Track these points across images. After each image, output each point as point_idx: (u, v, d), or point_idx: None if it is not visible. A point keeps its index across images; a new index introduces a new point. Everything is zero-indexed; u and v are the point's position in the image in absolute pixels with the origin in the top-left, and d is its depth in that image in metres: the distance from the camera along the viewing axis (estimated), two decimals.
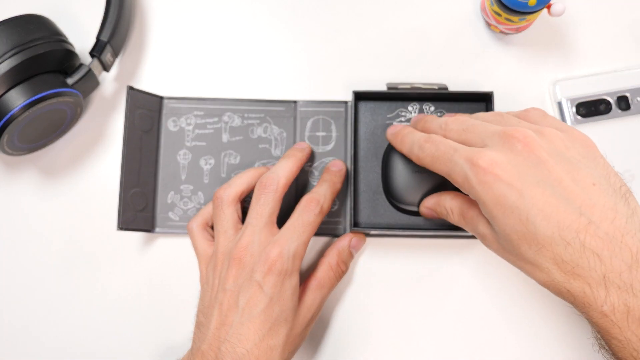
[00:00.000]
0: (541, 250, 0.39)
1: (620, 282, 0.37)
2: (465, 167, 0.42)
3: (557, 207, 0.39)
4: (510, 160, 0.41)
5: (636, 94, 0.59)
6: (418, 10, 0.62)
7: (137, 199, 0.56)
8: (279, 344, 0.48)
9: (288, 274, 0.48)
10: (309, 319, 0.51)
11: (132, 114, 0.56)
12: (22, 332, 0.58)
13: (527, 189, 0.40)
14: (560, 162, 0.41)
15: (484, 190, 0.41)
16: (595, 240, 0.38)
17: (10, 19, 0.53)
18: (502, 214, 0.41)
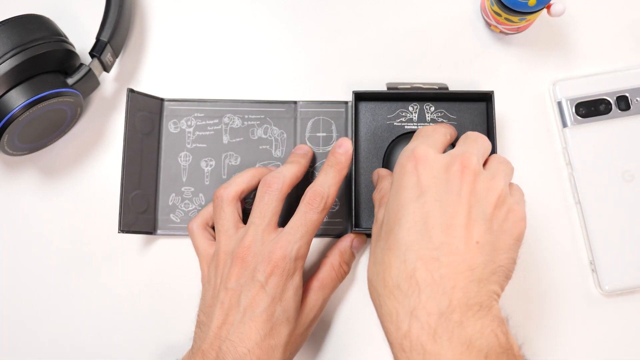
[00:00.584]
0: (384, 251, 0.41)
1: (425, 323, 0.38)
2: (406, 151, 0.45)
3: (429, 230, 0.40)
4: (440, 170, 0.42)
5: (636, 94, 0.59)
6: (418, 10, 0.62)
7: (138, 202, 0.56)
8: (280, 344, 0.48)
9: (291, 274, 0.48)
10: (311, 319, 0.51)
11: (132, 117, 0.56)
12: (23, 332, 0.58)
13: (427, 197, 0.41)
14: (473, 207, 0.41)
15: (399, 173, 0.43)
16: (427, 275, 0.39)
17: (10, 19, 0.53)
18: (393, 201, 0.43)
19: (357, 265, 0.58)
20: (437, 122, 0.58)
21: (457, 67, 0.61)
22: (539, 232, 0.58)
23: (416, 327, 0.38)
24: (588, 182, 0.58)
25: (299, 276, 0.49)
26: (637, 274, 0.56)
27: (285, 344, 0.48)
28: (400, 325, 0.39)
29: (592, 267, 0.57)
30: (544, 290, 0.57)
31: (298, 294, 0.49)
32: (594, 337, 0.57)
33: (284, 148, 0.59)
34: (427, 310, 0.38)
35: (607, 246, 0.57)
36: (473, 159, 0.43)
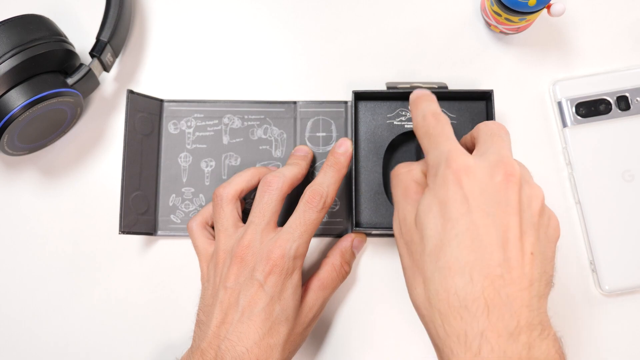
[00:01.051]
0: (443, 270, 0.39)
1: (495, 344, 0.37)
2: (443, 155, 0.42)
3: (487, 246, 0.39)
4: (484, 181, 0.41)
5: (636, 94, 0.59)
6: (418, 10, 0.62)
7: (138, 203, 0.56)
8: (279, 343, 0.48)
9: (289, 273, 0.48)
10: (310, 319, 0.51)
11: (132, 118, 0.56)
12: (22, 332, 0.58)
13: (477, 212, 0.40)
14: (523, 218, 0.41)
15: (440, 184, 0.41)
16: (494, 294, 0.38)
17: (10, 19, 0.53)
18: (437, 215, 0.41)
19: (356, 265, 0.58)
20: None
21: (457, 67, 0.61)
22: None
23: (486, 349, 0.37)
24: (588, 182, 0.58)
25: (298, 275, 0.49)
26: (637, 274, 0.56)
27: (284, 343, 0.48)
28: (470, 347, 0.38)
29: (592, 267, 0.57)
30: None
31: (297, 293, 0.49)
32: (594, 337, 0.57)
33: (283, 148, 0.59)
34: (497, 331, 0.37)
35: (607, 246, 0.57)
36: (515, 165, 0.42)
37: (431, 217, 0.41)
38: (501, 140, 0.45)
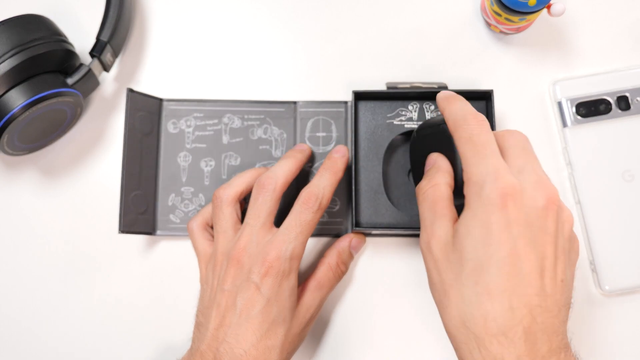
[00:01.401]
0: (482, 295, 0.39)
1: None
2: (490, 173, 0.41)
3: (527, 274, 0.39)
4: (529, 206, 0.40)
5: (636, 94, 0.59)
6: (418, 10, 0.62)
7: (138, 202, 0.56)
8: (277, 345, 0.48)
9: (286, 274, 0.48)
10: (307, 320, 0.51)
11: (132, 117, 0.56)
12: (22, 332, 0.58)
13: (520, 239, 0.39)
14: (558, 245, 0.41)
15: (485, 206, 0.40)
16: (532, 322, 0.38)
17: (10, 19, 0.53)
18: (480, 238, 0.40)
19: (355, 265, 0.58)
20: None
21: (457, 67, 0.61)
22: None
23: None
24: (588, 182, 0.58)
25: (295, 276, 0.49)
26: (637, 274, 0.56)
27: (282, 345, 0.48)
28: None
29: (592, 267, 0.57)
30: None
31: (294, 294, 0.49)
32: (594, 337, 0.57)
33: (283, 148, 0.59)
34: (532, 356, 0.38)
35: (607, 246, 0.57)
36: (553, 188, 0.41)
37: (471, 238, 0.40)
38: (533, 156, 0.44)
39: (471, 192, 0.41)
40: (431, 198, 0.45)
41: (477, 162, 0.42)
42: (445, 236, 0.42)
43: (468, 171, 0.42)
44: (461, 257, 0.41)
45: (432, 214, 0.44)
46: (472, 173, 0.42)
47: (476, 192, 0.41)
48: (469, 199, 0.42)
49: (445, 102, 0.47)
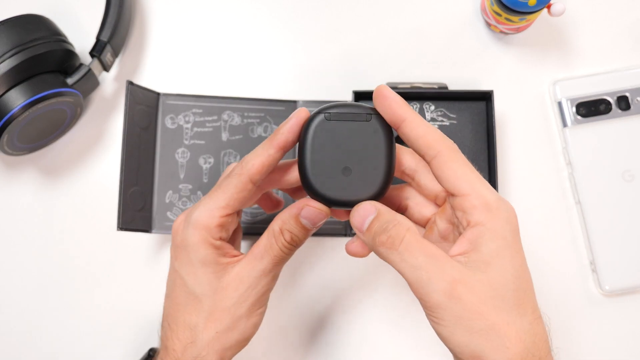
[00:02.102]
0: (536, 320, 0.39)
1: None
2: (497, 195, 0.40)
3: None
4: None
5: (636, 94, 0.59)
6: (418, 10, 0.62)
7: (136, 198, 0.56)
8: (198, 321, 0.44)
9: (191, 245, 0.44)
10: (242, 293, 0.45)
11: (131, 110, 0.56)
12: (22, 331, 0.58)
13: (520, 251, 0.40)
14: None
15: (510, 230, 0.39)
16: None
17: (10, 19, 0.53)
18: (507, 260, 0.38)
19: (355, 264, 0.58)
20: (436, 121, 0.57)
21: (457, 67, 0.61)
22: (539, 232, 0.58)
23: None
24: (588, 182, 0.58)
25: (204, 245, 0.44)
26: (637, 274, 0.56)
27: (206, 321, 0.44)
28: None
29: (592, 267, 0.57)
30: (544, 290, 0.57)
31: (207, 265, 0.45)
32: (594, 337, 0.57)
33: None
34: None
35: (607, 246, 0.57)
36: None
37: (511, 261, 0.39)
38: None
39: (490, 218, 0.38)
40: (411, 239, 0.39)
41: (486, 186, 0.39)
42: (466, 276, 0.38)
43: (483, 196, 0.38)
44: (504, 286, 0.38)
45: (431, 257, 0.38)
46: (489, 198, 0.38)
47: (497, 217, 0.38)
48: (489, 225, 0.38)
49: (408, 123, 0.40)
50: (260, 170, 0.43)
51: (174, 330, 0.45)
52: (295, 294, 0.58)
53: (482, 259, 0.38)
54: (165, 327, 0.46)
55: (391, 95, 0.40)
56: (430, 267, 0.38)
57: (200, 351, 0.44)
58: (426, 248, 0.38)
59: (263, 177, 0.44)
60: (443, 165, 0.39)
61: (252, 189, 0.44)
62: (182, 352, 0.44)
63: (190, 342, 0.44)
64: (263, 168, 0.43)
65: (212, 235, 0.44)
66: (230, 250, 0.46)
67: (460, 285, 0.37)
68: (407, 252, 0.38)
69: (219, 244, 0.45)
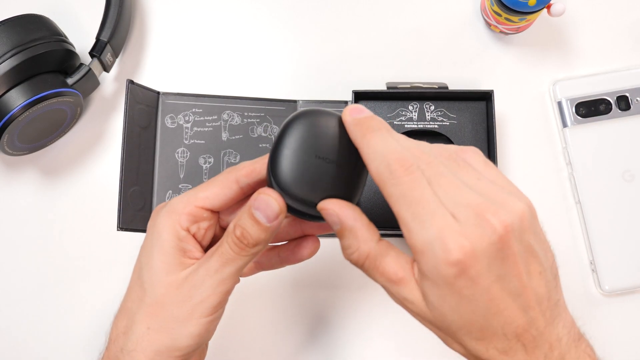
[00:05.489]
0: (479, 341, 0.38)
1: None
2: (434, 241, 0.35)
3: (510, 304, 0.37)
4: (483, 252, 0.35)
5: (636, 94, 0.59)
6: (418, 10, 0.62)
7: (136, 198, 0.56)
8: (137, 312, 0.42)
9: (157, 228, 0.43)
10: (183, 293, 0.41)
11: (131, 109, 0.56)
12: (22, 331, 0.58)
13: (490, 285, 0.36)
14: (523, 252, 0.37)
15: (442, 278, 0.36)
16: (529, 338, 0.37)
17: (10, 19, 0.53)
18: (454, 303, 0.37)
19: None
20: (437, 121, 0.57)
21: (457, 67, 0.61)
22: None
23: None
24: (588, 182, 0.58)
25: (167, 232, 0.42)
26: (637, 274, 0.56)
27: (144, 313, 0.41)
28: None
29: (592, 267, 0.57)
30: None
31: (162, 253, 0.42)
32: (594, 337, 0.57)
33: None
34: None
35: (607, 246, 0.57)
36: (505, 219, 0.38)
37: (447, 310, 0.38)
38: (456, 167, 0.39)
39: (422, 263, 0.37)
40: (370, 265, 0.39)
41: (418, 228, 0.36)
42: (417, 300, 0.38)
43: (411, 239, 0.36)
44: (442, 320, 0.38)
45: (387, 281, 0.39)
46: (416, 242, 0.36)
47: (426, 263, 0.36)
48: (422, 269, 0.37)
49: (359, 134, 0.38)
50: (248, 174, 0.42)
51: (117, 316, 0.43)
52: (295, 293, 0.58)
53: (422, 292, 0.38)
54: (116, 313, 0.44)
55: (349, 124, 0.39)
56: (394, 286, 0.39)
57: (128, 344, 0.41)
58: (384, 272, 0.38)
59: (249, 181, 0.42)
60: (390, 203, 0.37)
61: (235, 190, 0.42)
62: (114, 340, 0.42)
63: (123, 333, 0.42)
64: (252, 172, 0.41)
65: (180, 223, 0.42)
66: (194, 251, 0.42)
67: (408, 304, 0.39)
68: (369, 273, 0.39)
69: (183, 234, 0.42)
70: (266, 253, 0.45)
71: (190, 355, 0.41)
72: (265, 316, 0.58)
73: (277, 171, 0.38)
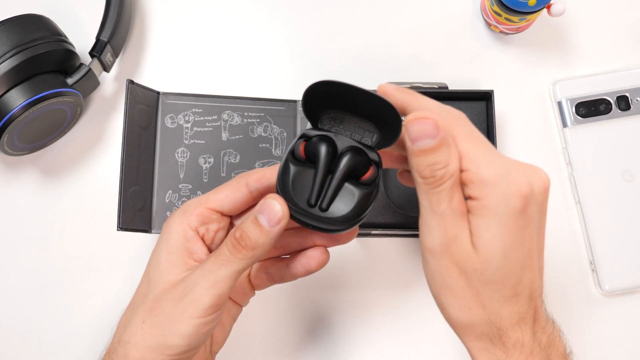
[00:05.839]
0: (507, 301, 0.39)
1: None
2: (503, 174, 0.37)
3: (536, 262, 0.39)
4: (536, 197, 0.38)
5: (636, 94, 0.59)
6: (418, 10, 0.62)
7: (136, 198, 0.56)
8: (139, 306, 0.42)
9: (168, 227, 0.44)
10: (179, 290, 0.41)
11: (131, 109, 0.56)
12: (22, 331, 0.58)
13: (533, 233, 0.38)
14: (536, 229, 0.39)
15: (507, 210, 0.37)
16: (538, 305, 0.40)
17: (10, 19, 0.53)
18: (508, 242, 0.37)
19: (355, 265, 0.58)
20: None
21: (457, 67, 0.61)
22: None
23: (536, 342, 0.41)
24: (588, 182, 0.58)
25: (176, 231, 0.43)
26: (637, 274, 0.56)
27: (144, 308, 0.42)
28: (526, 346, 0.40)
29: (592, 267, 0.57)
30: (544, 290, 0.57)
31: (164, 258, 0.43)
32: (594, 337, 0.57)
33: (283, 147, 0.59)
34: (540, 331, 0.41)
35: (607, 246, 0.57)
36: (537, 169, 0.41)
37: (497, 247, 0.38)
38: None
39: (491, 196, 0.37)
40: (448, 186, 0.38)
41: (488, 162, 0.38)
42: (466, 240, 0.38)
43: (480, 173, 0.38)
44: (487, 264, 0.38)
45: (451, 210, 0.38)
46: (487, 174, 0.37)
47: (496, 195, 0.37)
48: (487, 203, 0.38)
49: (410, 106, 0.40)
50: (259, 178, 0.43)
51: (125, 310, 0.43)
52: (295, 293, 0.58)
53: (473, 231, 0.38)
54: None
55: (389, 89, 0.40)
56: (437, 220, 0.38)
57: (124, 335, 0.41)
58: (452, 200, 0.38)
59: (258, 186, 0.43)
60: (458, 142, 0.38)
61: (244, 193, 0.43)
62: (117, 331, 0.43)
63: (123, 324, 0.42)
64: (262, 178, 0.43)
65: (190, 224, 0.43)
66: (199, 253, 0.43)
67: (453, 244, 0.38)
68: (436, 196, 0.38)
69: (191, 235, 0.43)
70: (275, 264, 0.46)
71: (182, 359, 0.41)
72: (265, 316, 0.58)
73: (285, 178, 0.40)
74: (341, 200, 0.40)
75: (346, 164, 0.40)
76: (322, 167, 0.40)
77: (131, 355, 0.40)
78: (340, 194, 0.41)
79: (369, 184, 0.41)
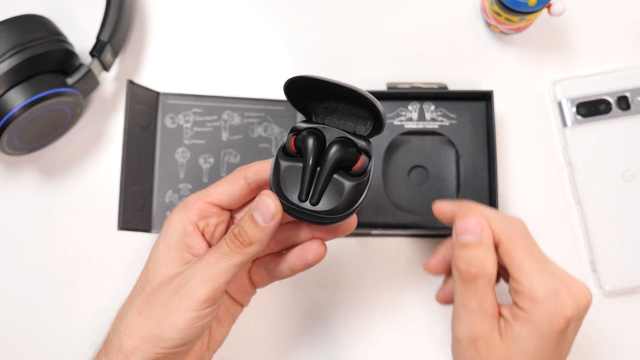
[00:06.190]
0: None
1: None
2: (552, 293, 0.41)
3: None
4: (578, 317, 0.42)
5: (636, 94, 0.59)
6: (418, 10, 0.62)
7: (136, 198, 0.56)
8: (136, 297, 0.42)
9: (168, 222, 0.45)
10: (175, 282, 0.41)
11: (132, 109, 0.56)
12: (22, 332, 0.58)
13: (565, 347, 0.42)
14: (569, 343, 0.43)
15: (549, 327, 0.41)
16: None
17: (10, 19, 0.53)
18: (536, 345, 0.41)
19: (355, 264, 0.58)
20: (436, 121, 0.57)
21: (457, 67, 0.61)
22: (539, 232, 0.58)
23: None
24: (588, 182, 0.58)
25: (175, 226, 0.44)
26: (637, 274, 0.56)
27: (141, 299, 0.42)
28: None
29: (592, 267, 0.57)
30: None
31: (163, 253, 0.44)
32: (594, 337, 0.57)
33: None
34: None
35: (607, 246, 0.57)
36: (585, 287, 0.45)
37: (526, 354, 0.42)
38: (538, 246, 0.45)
39: (535, 311, 0.41)
40: (480, 286, 0.42)
41: (540, 280, 0.41)
42: (495, 338, 0.42)
43: (532, 288, 0.41)
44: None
45: (480, 309, 0.42)
46: (537, 292, 0.41)
47: (541, 312, 0.41)
48: (531, 316, 0.41)
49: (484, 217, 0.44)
50: (256, 171, 0.44)
51: (123, 302, 0.44)
52: (295, 293, 0.58)
53: (511, 335, 0.41)
54: None
55: (447, 206, 0.47)
56: (467, 316, 0.42)
57: (119, 326, 0.42)
58: (483, 301, 0.42)
59: (256, 178, 0.44)
60: (504, 252, 0.43)
61: (243, 186, 0.44)
62: (113, 322, 0.43)
63: (120, 315, 0.43)
64: (259, 170, 0.44)
65: (190, 218, 0.44)
66: (197, 248, 0.44)
67: (481, 341, 0.42)
68: (468, 292, 0.42)
69: (190, 229, 0.44)
70: (274, 259, 0.46)
71: (176, 354, 0.41)
72: (265, 316, 0.58)
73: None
74: (331, 193, 0.41)
75: (332, 156, 0.41)
76: (308, 161, 0.41)
77: (125, 345, 0.40)
78: (330, 186, 0.41)
79: (360, 174, 0.41)
